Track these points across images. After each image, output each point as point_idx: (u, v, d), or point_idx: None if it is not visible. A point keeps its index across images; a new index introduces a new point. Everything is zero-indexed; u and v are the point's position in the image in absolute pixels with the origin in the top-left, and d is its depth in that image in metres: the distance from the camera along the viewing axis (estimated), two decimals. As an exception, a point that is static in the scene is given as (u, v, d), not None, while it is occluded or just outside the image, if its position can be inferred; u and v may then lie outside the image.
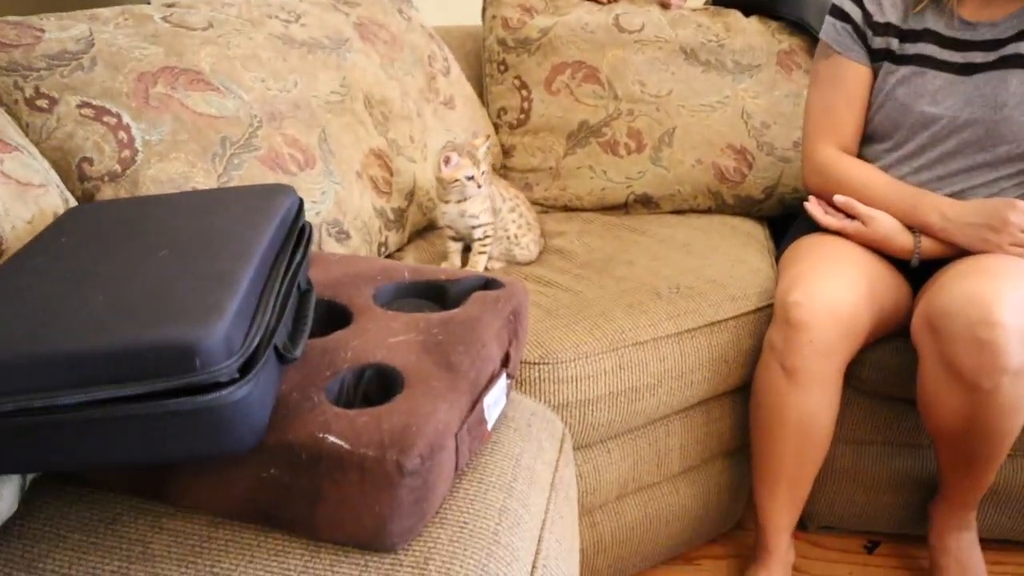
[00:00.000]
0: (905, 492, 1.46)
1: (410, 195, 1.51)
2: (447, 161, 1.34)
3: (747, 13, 1.90)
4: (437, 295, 0.99)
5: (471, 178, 1.35)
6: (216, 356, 0.63)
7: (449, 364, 0.81)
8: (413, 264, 1.06)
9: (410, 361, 0.81)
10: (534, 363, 1.13)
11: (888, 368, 1.35)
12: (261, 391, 0.68)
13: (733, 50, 1.81)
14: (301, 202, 0.93)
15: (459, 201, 1.38)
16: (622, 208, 1.73)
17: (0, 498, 0.77)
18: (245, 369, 0.66)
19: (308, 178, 1.28)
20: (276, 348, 0.73)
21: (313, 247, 1.25)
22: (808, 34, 1.83)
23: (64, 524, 0.76)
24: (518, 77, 1.80)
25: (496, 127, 1.83)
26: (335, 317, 0.92)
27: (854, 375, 1.36)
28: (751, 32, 1.84)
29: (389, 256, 1.48)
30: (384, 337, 0.85)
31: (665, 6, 1.88)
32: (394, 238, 1.46)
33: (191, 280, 0.71)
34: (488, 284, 0.99)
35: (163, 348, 0.63)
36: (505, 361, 0.91)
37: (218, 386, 0.64)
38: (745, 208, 1.74)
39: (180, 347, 0.62)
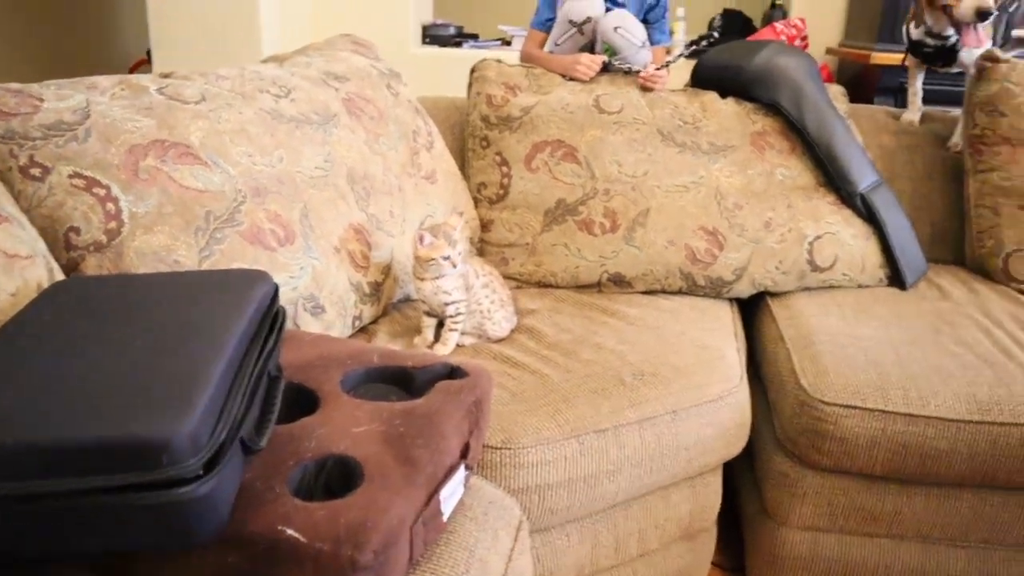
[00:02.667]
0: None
1: (387, 269, 1.55)
2: (421, 240, 1.39)
3: (723, 94, 1.98)
4: (404, 382, 1.03)
5: (447, 258, 1.40)
6: (182, 453, 0.66)
7: (408, 458, 0.85)
8: (383, 348, 1.09)
9: (371, 453, 0.84)
10: (496, 447, 1.16)
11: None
12: (225, 485, 0.71)
13: (708, 131, 1.88)
14: (276, 288, 0.97)
15: (434, 278, 1.43)
16: (595, 287, 1.78)
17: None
18: (210, 464, 0.70)
19: (287, 253, 1.32)
20: (242, 439, 0.76)
21: (288, 322, 1.29)
22: (781, 115, 1.91)
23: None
24: (499, 153, 1.86)
25: (476, 201, 1.88)
26: (303, 401, 0.96)
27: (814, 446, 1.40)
28: (727, 114, 1.92)
29: (363, 329, 1.51)
30: (348, 426, 0.89)
31: (646, 88, 1.95)
32: (369, 311, 1.50)
33: (163, 372, 0.75)
34: (453, 372, 1.03)
35: (131, 444, 0.66)
36: (464, 452, 0.94)
37: (183, 482, 0.67)
38: (715, 289, 1.79)
39: (147, 444, 0.66)
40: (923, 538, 1.49)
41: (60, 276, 1.12)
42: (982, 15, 1.90)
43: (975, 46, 1.99)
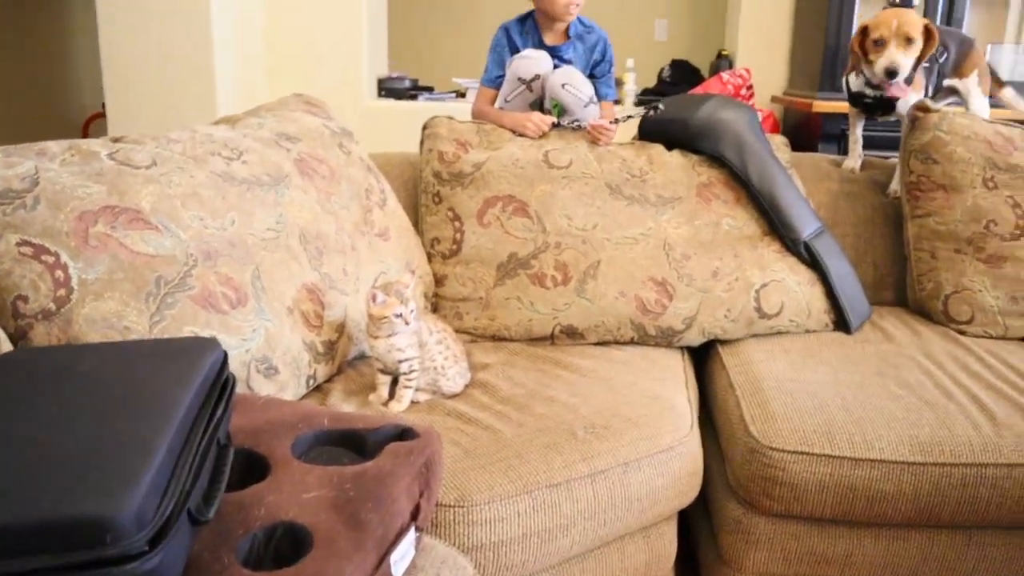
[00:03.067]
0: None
1: (341, 327, 1.56)
2: (374, 299, 1.41)
3: (669, 147, 2.03)
4: (355, 444, 1.04)
5: (399, 315, 1.42)
6: (127, 530, 0.67)
7: (358, 522, 0.85)
8: (334, 410, 1.10)
9: (320, 519, 0.85)
10: (449, 506, 1.17)
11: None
12: (171, 559, 0.72)
13: (656, 184, 1.93)
14: (226, 355, 0.98)
15: (387, 336, 1.44)
16: (548, 339, 1.80)
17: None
18: (156, 539, 0.70)
19: (239, 316, 1.33)
20: (190, 511, 0.76)
21: (241, 385, 1.29)
22: (725, 167, 1.96)
23: None
24: (452, 209, 1.89)
25: (430, 256, 1.91)
26: (254, 467, 0.96)
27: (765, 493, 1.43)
28: (673, 166, 1.97)
29: (318, 388, 1.52)
30: (298, 492, 0.89)
31: (595, 142, 2.00)
32: (323, 370, 1.51)
33: (109, 446, 0.75)
34: (404, 434, 1.05)
35: (75, 524, 0.66)
36: (415, 514, 0.95)
37: (128, 559, 0.67)
38: (666, 338, 1.82)
39: (92, 523, 0.66)
40: (875, 580, 1.52)
41: (8, 346, 1.12)
42: (890, 73, 2.02)
43: (900, 96, 2.08)
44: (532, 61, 2.21)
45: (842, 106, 3.35)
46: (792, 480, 1.41)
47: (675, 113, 2.07)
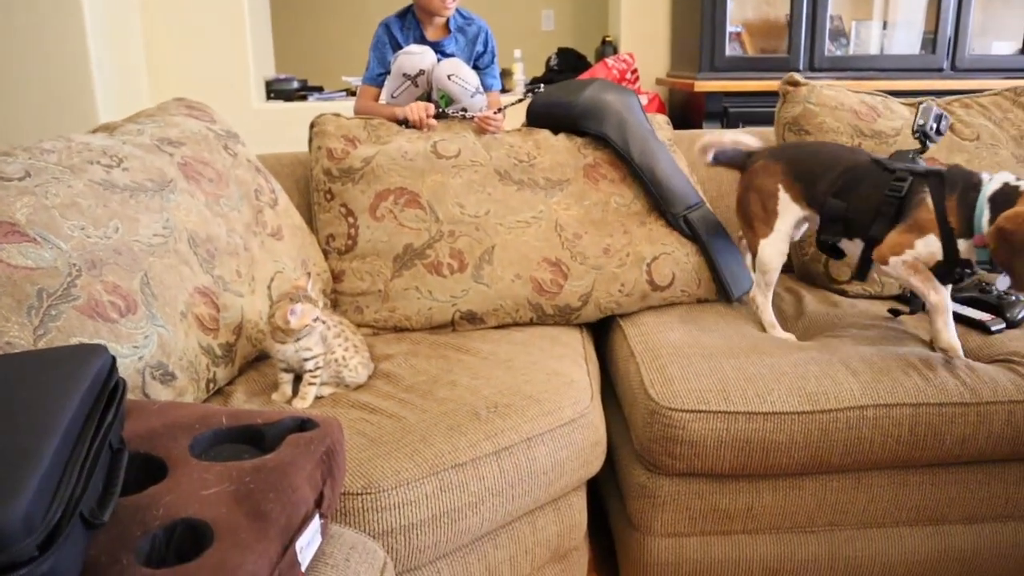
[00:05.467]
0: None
1: (238, 329, 1.55)
2: (293, 313, 1.40)
3: (555, 131, 2.08)
4: (255, 439, 1.04)
5: (316, 319, 1.42)
6: (14, 537, 0.66)
7: (259, 513, 0.86)
8: (232, 409, 1.10)
9: (221, 513, 0.85)
10: (356, 494, 1.18)
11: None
12: (64, 563, 0.71)
13: (543, 167, 1.97)
14: (114, 360, 0.97)
15: (296, 340, 1.44)
16: (449, 326, 1.82)
17: None
18: (47, 544, 0.69)
19: (130, 324, 1.30)
20: (83, 515, 0.76)
21: (137, 393, 1.27)
22: (609, 147, 2.02)
23: None
24: (344, 205, 1.89)
25: (326, 253, 1.90)
26: (151, 470, 0.95)
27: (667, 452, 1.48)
28: (559, 149, 2.02)
29: (220, 391, 1.50)
30: (197, 490, 0.89)
31: (483, 131, 2.03)
32: (223, 373, 1.49)
33: (-6, 456, 0.73)
34: (303, 425, 1.05)
35: (-39, 533, 0.65)
36: (319, 501, 0.96)
37: (18, 565, 0.67)
38: (564, 316, 1.86)
39: (-22, 531, 0.65)
40: (775, 529, 1.59)
41: None
42: None
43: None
44: (416, 57, 2.22)
45: (722, 84, 3.50)
46: (691, 438, 1.47)
47: (560, 98, 2.11)
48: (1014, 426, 1.51)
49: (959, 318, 1.76)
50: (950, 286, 1.64)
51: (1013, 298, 1.80)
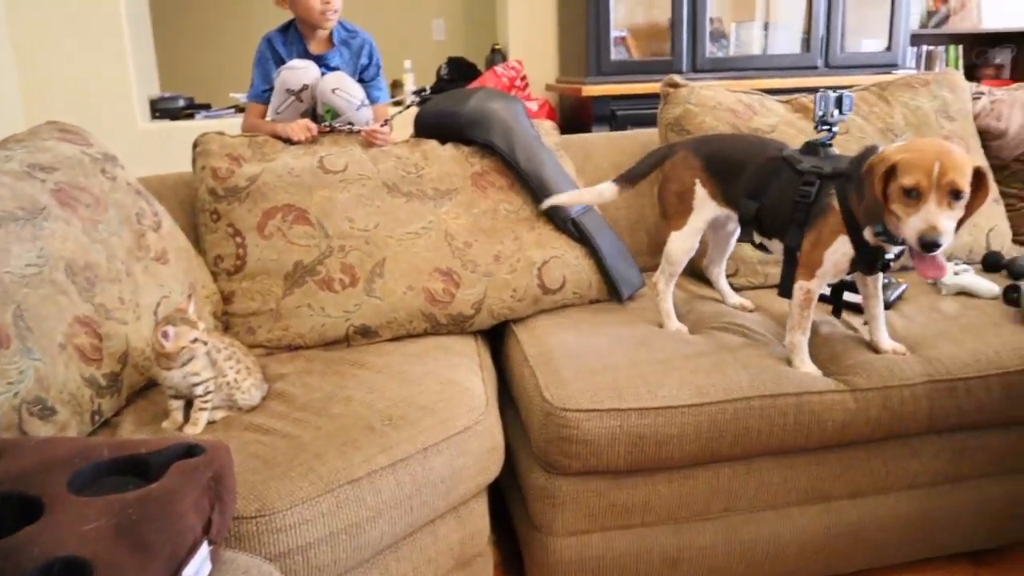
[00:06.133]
0: None
1: (124, 357, 1.51)
2: (166, 336, 1.37)
3: (443, 141, 2.09)
4: (140, 469, 1.02)
5: (195, 340, 1.39)
6: None
7: (142, 545, 0.85)
8: (115, 440, 1.08)
9: (101, 549, 0.83)
10: (250, 517, 1.17)
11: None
12: (-69, 613, 0.69)
13: (431, 178, 1.98)
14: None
15: (183, 365, 1.41)
16: (343, 342, 1.82)
17: None
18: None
19: (3, 359, 1.25)
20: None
21: (13, 431, 1.23)
22: (496, 155, 2.04)
23: None
24: (231, 224, 1.86)
25: (214, 275, 1.87)
26: (28, 510, 0.92)
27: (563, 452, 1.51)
28: (447, 159, 2.03)
29: (106, 423, 1.46)
30: (76, 526, 0.87)
31: (371, 144, 2.03)
32: (109, 404, 1.45)
33: None
34: (190, 451, 1.04)
35: None
36: (207, 528, 0.95)
37: None
38: (458, 325, 1.88)
39: None
40: (673, 519, 1.64)
41: None
42: (928, 246, 1.42)
43: (939, 277, 1.60)
44: (299, 71, 2.20)
45: (609, 88, 3.58)
46: (586, 437, 1.50)
47: (446, 107, 2.13)
48: (890, 410, 1.60)
49: (841, 303, 1.86)
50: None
51: (886, 280, 1.89)
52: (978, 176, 1.45)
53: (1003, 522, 1.81)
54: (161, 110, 4.07)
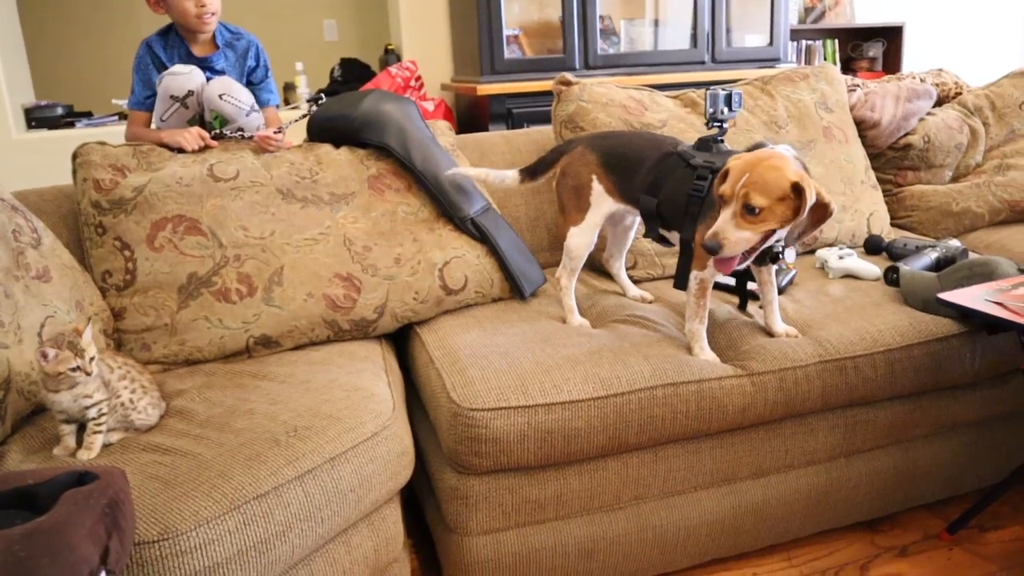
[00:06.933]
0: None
1: (6, 383, 1.43)
2: (44, 356, 1.31)
3: (337, 145, 2.06)
4: (27, 502, 0.97)
5: (75, 369, 1.32)
6: None
7: (34, 581, 0.81)
8: (-1, 471, 1.02)
9: (-12, 589, 0.79)
10: (153, 541, 1.13)
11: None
12: None
13: (327, 182, 1.95)
14: None
15: (70, 388, 1.35)
16: (244, 353, 1.77)
17: None
18: None
19: None
20: None
21: None
22: (392, 157, 2.02)
23: None
24: (118, 238, 1.79)
25: (103, 291, 1.79)
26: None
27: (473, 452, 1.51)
28: (342, 162, 2.00)
29: (-11, 453, 1.39)
30: (-40, 567, 0.82)
31: (264, 150, 1.98)
32: (-8, 433, 1.38)
33: None
34: (82, 479, 0.99)
35: None
36: (104, 557, 0.91)
37: None
38: (362, 330, 1.86)
39: None
40: (586, 511, 1.67)
41: None
42: (710, 249, 1.55)
43: (722, 272, 1.71)
44: (183, 77, 2.13)
45: (504, 87, 3.59)
46: (495, 435, 1.51)
47: (339, 111, 2.09)
48: (785, 391, 1.66)
49: (729, 288, 1.91)
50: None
51: (779, 267, 1.96)
52: (796, 191, 1.48)
53: (894, 490, 1.90)
54: (37, 119, 3.88)
